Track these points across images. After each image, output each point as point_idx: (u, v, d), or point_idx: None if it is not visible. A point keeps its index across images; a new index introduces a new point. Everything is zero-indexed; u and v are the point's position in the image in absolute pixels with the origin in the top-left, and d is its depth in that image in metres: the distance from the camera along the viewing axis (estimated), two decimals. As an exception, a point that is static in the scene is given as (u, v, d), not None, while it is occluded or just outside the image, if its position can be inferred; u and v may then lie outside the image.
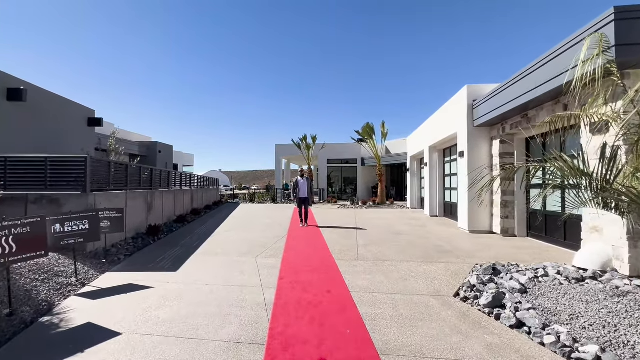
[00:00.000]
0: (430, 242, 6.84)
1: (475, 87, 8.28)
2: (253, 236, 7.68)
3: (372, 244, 6.73)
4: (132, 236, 7.20)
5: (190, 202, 12.93)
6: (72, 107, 9.77)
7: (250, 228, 9.02)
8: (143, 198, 8.07)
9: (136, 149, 16.82)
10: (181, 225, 9.79)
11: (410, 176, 16.40)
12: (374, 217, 11.69)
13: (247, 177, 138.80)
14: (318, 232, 8.23)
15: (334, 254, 5.74)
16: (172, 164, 19.50)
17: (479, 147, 8.24)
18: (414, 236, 7.61)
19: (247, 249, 6.29)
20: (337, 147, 23.78)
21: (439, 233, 8.08)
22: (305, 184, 9.38)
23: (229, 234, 8.00)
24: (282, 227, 9.09)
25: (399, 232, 8.26)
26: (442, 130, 10.31)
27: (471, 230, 8.13)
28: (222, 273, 4.68)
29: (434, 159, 12.29)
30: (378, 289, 3.99)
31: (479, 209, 8.14)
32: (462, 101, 8.55)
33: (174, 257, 5.64)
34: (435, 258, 5.45)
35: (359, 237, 7.54)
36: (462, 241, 6.98)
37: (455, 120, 9.04)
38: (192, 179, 14.42)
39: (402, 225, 9.63)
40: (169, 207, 10.13)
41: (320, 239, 7.18)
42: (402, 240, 7.12)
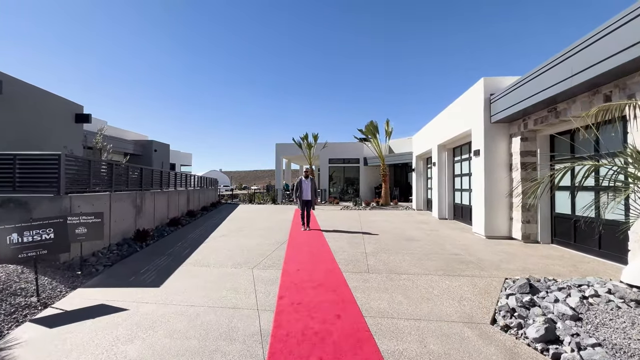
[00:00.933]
0: (446, 250, 6.16)
1: (493, 79, 7.61)
2: (250, 242, 7.02)
3: (382, 251, 6.06)
4: (117, 242, 6.54)
5: (185, 204, 12.28)
6: (57, 101, 9.11)
7: (248, 232, 8.36)
8: (131, 200, 7.41)
9: (131, 147, 16.16)
10: (174, 228, 9.13)
11: (415, 176, 15.72)
12: (379, 220, 11.02)
13: (248, 177, 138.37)
14: (321, 237, 7.56)
15: (340, 265, 5.08)
16: (168, 164, 18.84)
17: (496, 145, 7.56)
18: (427, 242, 6.94)
19: (243, 258, 5.63)
20: (338, 146, 23.12)
21: (453, 239, 7.41)
22: (309, 185, 8.72)
23: (224, 240, 7.33)
24: (282, 231, 8.43)
25: (410, 237, 7.59)
26: (454, 127, 9.64)
27: (488, 236, 7.46)
28: (212, 290, 4.01)
29: (443, 159, 11.62)
30: (397, 312, 3.31)
31: (497, 213, 7.47)
32: (477, 95, 7.87)
33: (160, 269, 4.97)
34: (457, 270, 4.77)
35: (366, 243, 6.87)
36: (481, 249, 6.30)
37: (470, 116, 8.36)
38: (188, 179, 13.76)
39: (411, 229, 8.96)
40: (161, 210, 9.47)
41: (325, 246, 6.51)
42: (415, 247, 6.45)
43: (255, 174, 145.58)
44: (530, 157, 7.02)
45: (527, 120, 6.79)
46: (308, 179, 8.81)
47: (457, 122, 9.43)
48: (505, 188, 7.48)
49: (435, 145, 11.88)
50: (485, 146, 7.58)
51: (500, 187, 7.49)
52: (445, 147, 11.56)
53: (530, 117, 6.66)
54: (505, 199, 7.46)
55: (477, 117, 7.88)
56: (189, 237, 7.80)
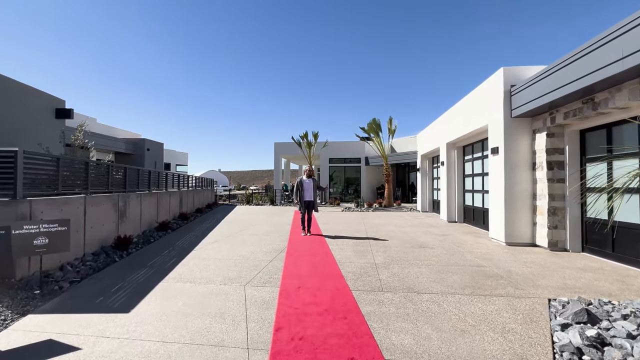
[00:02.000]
0: (466, 260, 5.43)
1: (514, 69, 6.88)
2: (245, 250, 6.27)
3: (394, 262, 5.32)
4: (93, 251, 5.78)
5: (178, 206, 11.51)
6: (35, 95, 8.33)
7: (243, 238, 7.61)
8: (112, 203, 6.65)
9: (122, 146, 15.37)
10: (163, 233, 8.37)
11: (421, 177, 14.99)
12: (384, 223, 10.29)
13: (247, 177, 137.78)
14: (324, 244, 6.82)
15: (348, 280, 4.34)
16: (162, 163, 18.05)
17: (517, 142, 6.83)
18: (442, 250, 6.21)
19: (234, 271, 4.88)
20: (339, 145, 22.39)
21: (470, 246, 6.68)
22: (311, 185, 7.98)
23: (215, 247, 6.58)
24: (280, 237, 7.68)
25: (422, 244, 6.85)
26: (466, 123, 8.91)
27: (508, 243, 6.73)
28: (193, 317, 3.26)
29: (452, 158, 10.89)
30: (428, 352, 2.57)
31: (518, 217, 6.74)
32: (496, 88, 7.15)
33: (136, 285, 4.22)
34: (487, 287, 4.04)
35: (374, 251, 6.13)
36: (505, 258, 5.57)
37: (487, 111, 7.63)
38: (182, 179, 12.99)
39: (420, 233, 8.23)
40: (149, 213, 8.71)
41: (328, 256, 5.77)
42: (430, 256, 5.72)
43: (254, 174, 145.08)
44: (557, 155, 6.29)
45: (555, 114, 6.06)
46: (310, 178, 8.07)
47: (470, 118, 8.71)
48: (528, 189, 6.75)
49: (443, 144, 11.15)
50: (505, 143, 6.86)
51: (521, 189, 6.77)
52: (454, 146, 10.84)
53: (559, 110, 5.93)
54: (527, 202, 6.74)
55: (496, 111, 7.15)
56: (177, 243, 7.04)
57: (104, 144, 14.11)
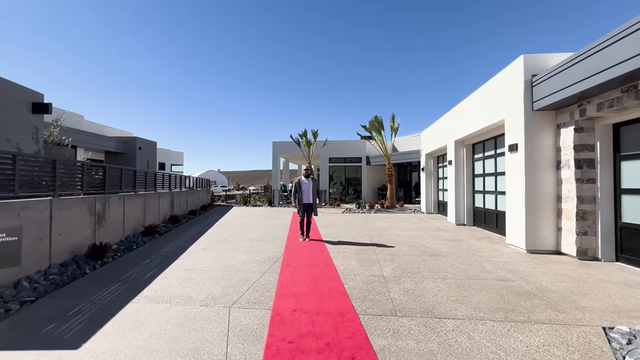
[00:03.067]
0: (487, 272, 4.74)
1: (535, 57, 6.19)
2: (235, 259, 5.57)
3: (405, 274, 4.63)
4: (62, 262, 5.08)
5: (168, 208, 10.81)
6: (6, 87, 7.62)
7: (236, 244, 6.91)
8: (87, 206, 5.94)
9: (111, 144, 14.65)
10: (149, 239, 7.67)
11: (425, 176, 14.30)
12: (389, 226, 9.59)
13: (246, 177, 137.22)
14: (324, 251, 6.13)
15: (354, 300, 3.64)
16: (155, 162, 17.34)
17: (539, 138, 6.14)
18: (457, 259, 5.52)
19: (220, 286, 4.18)
20: (339, 144, 21.71)
21: (487, 254, 5.99)
22: (311, 186, 7.29)
23: (203, 256, 5.88)
24: (276, 243, 6.99)
25: (433, 251, 6.16)
26: (478, 119, 8.22)
27: (529, 250, 6.04)
28: (157, 356, 2.56)
29: (461, 156, 10.20)
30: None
31: (540, 221, 6.06)
32: (515, 78, 6.46)
33: (99, 308, 3.52)
34: (522, 310, 3.34)
35: (381, 260, 5.44)
36: (531, 270, 4.88)
37: (503, 104, 6.94)
38: (173, 179, 12.29)
39: (429, 238, 7.54)
40: (134, 216, 8.01)
41: (329, 266, 5.07)
42: (445, 267, 5.02)
43: (253, 174, 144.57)
44: (586, 153, 5.60)
45: (586, 106, 5.37)
46: (309, 178, 7.38)
47: (483, 112, 8.02)
48: (551, 191, 6.07)
49: (451, 141, 10.46)
50: (526, 140, 6.16)
51: (544, 190, 6.08)
52: (463, 143, 10.14)
53: (592, 101, 5.24)
54: (551, 205, 6.05)
55: (514, 104, 6.46)
56: (161, 251, 6.35)
57: (93, 143, 13.39)
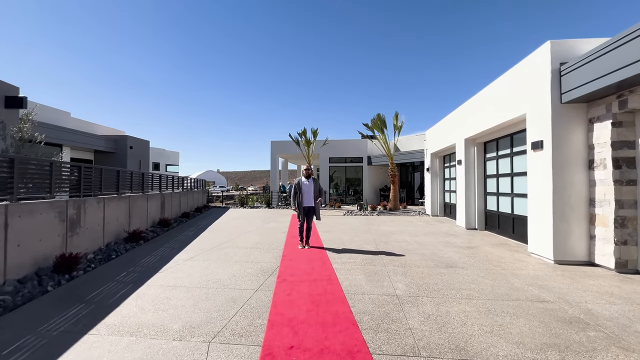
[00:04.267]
0: (517, 290, 4.04)
1: (564, 43, 5.51)
2: (224, 272, 4.86)
3: (422, 292, 3.93)
4: (21, 277, 4.37)
5: (158, 211, 10.10)
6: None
7: (227, 252, 6.20)
8: (57, 211, 5.23)
9: (101, 143, 13.92)
10: (132, 246, 6.95)
11: (430, 177, 13.62)
12: (395, 231, 8.90)
13: (245, 178, 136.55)
14: (326, 262, 5.42)
15: (365, 331, 2.94)
16: (148, 162, 16.60)
17: (568, 133, 5.45)
18: (479, 272, 4.82)
19: (203, 310, 3.48)
20: (340, 143, 21.01)
21: (511, 265, 5.29)
22: (312, 187, 6.61)
23: (188, 267, 5.17)
24: (273, 251, 6.28)
25: (448, 261, 5.46)
26: (496, 114, 7.53)
27: (558, 260, 5.35)
28: None
29: (472, 155, 9.51)
30: None
31: (570, 228, 5.36)
32: (540, 67, 5.77)
33: (44, 343, 2.80)
34: (580, 349, 2.64)
35: (392, 274, 4.73)
36: (567, 286, 4.18)
37: (525, 97, 6.25)
38: (165, 180, 11.57)
39: (440, 245, 6.84)
40: (117, 221, 7.30)
41: (333, 282, 4.37)
42: (466, 282, 4.32)
43: (252, 175, 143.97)
44: (625, 150, 4.90)
45: (627, 97, 4.68)
46: (309, 179, 6.68)
47: (500, 107, 7.33)
48: (583, 193, 5.37)
49: (461, 140, 9.78)
50: (554, 136, 5.47)
51: (575, 192, 5.39)
52: (474, 142, 9.46)
53: (635, 90, 4.55)
54: (582, 209, 5.36)
55: (539, 96, 5.77)
56: (142, 261, 5.64)
57: (80, 141, 12.66)
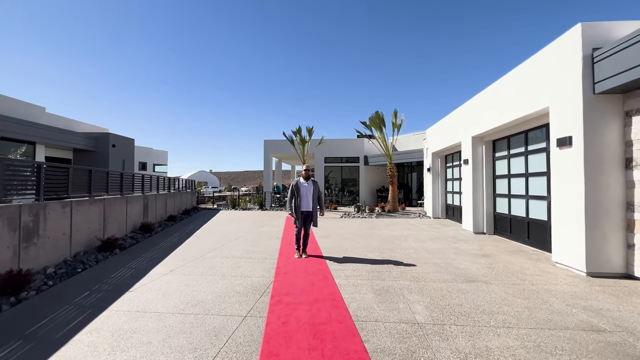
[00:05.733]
0: (562, 315, 3.35)
1: (597, 26, 4.87)
2: (208, 291, 4.07)
3: (449, 320, 3.21)
4: (-49, 302, 3.51)
5: (140, 214, 9.23)
6: None
7: (213, 264, 5.40)
8: (5, 219, 4.37)
9: (80, 141, 12.92)
10: (105, 256, 6.10)
11: (432, 178, 12.99)
12: (398, 236, 8.21)
13: (239, 178, 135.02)
14: (328, 277, 4.67)
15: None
16: (132, 162, 15.62)
17: (601, 128, 4.80)
18: (506, 289, 4.13)
19: (174, 349, 2.69)
20: (336, 143, 20.32)
21: (538, 278, 4.62)
22: (311, 189, 5.88)
23: (164, 285, 4.36)
24: (266, 262, 5.50)
25: (468, 274, 4.76)
26: (510, 108, 6.88)
27: (591, 272, 4.70)
28: None
29: (479, 155, 8.88)
30: None
31: (604, 236, 4.72)
32: (569, 53, 5.12)
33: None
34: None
35: (407, 292, 4.01)
36: (619, 308, 3.51)
37: (549, 88, 5.60)
38: (148, 181, 10.67)
39: (451, 253, 6.16)
40: (88, 227, 6.43)
41: (339, 305, 3.62)
42: (496, 302, 3.62)
43: (245, 175, 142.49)
44: (671, 147, 4.29)
45: (678, 84, 4.05)
46: (309, 181, 5.94)
47: (515, 101, 6.68)
48: (618, 197, 4.73)
49: (467, 138, 9.14)
50: (585, 131, 4.82)
51: (609, 196, 4.74)
52: (482, 140, 8.83)
53: (689, 76, 3.92)
54: (618, 214, 4.71)
55: (567, 87, 5.12)
56: (112, 276, 4.81)
57: (56, 139, 11.66)
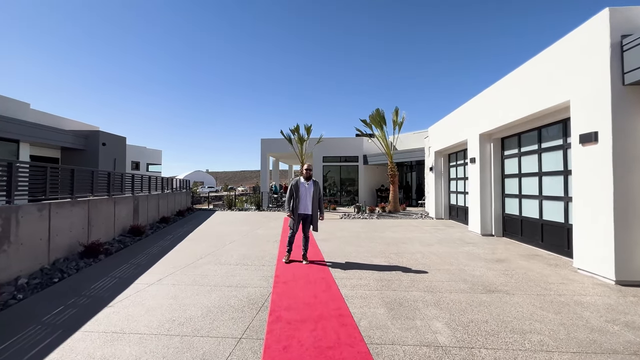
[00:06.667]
0: (605, 333, 2.91)
1: (628, 11, 4.44)
2: (198, 305, 3.57)
3: (477, 342, 2.76)
4: None
5: (130, 216, 8.71)
6: None
7: (205, 271, 4.90)
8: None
9: (68, 139, 12.34)
10: (87, 263, 5.59)
11: (434, 177, 12.58)
12: (403, 238, 7.77)
13: (235, 178, 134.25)
14: (332, 286, 4.20)
15: None
16: (124, 161, 15.04)
17: (632, 122, 4.38)
18: (533, 300, 3.69)
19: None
20: (335, 142, 19.87)
21: (564, 288, 4.18)
22: (311, 190, 5.41)
23: (148, 300, 3.87)
24: (263, 269, 5.02)
25: (485, 282, 4.32)
26: (524, 103, 6.45)
27: (620, 281, 4.28)
28: None
29: (487, 153, 8.47)
30: None
31: (635, 240, 4.30)
32: (595, 40, 4.69)
33: None
34: None
35: (422, 304, 3.56)
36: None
37: (571, 79, 5.17)
38: (139, 181, 10.13)
39: (462, 257, 5.73)
40: (70, 232, 5.92)
41: (347, 323, 3.15)
42: (524, 317, 3.18)
43: (242, 175, 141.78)
44: None
45: None
46: (310, 181, 5.47)
47: (530, 94, 6.26)
48: (651, 197, 4.32)
49: (474, 135, 8.73)
50: (614, 125, 4.39)
51: None
52: (490, 137, 8.42)
53: None
54: (651, 217, 4.30)
55: (593, 77, 4.70)
56: (92, 287, 4.31)
57: (42, 136, 11.07)
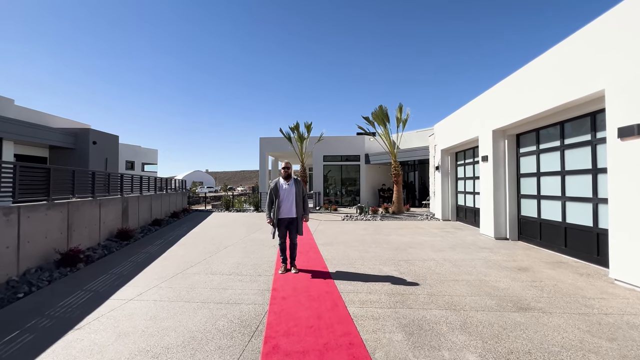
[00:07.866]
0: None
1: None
2: (177, 331, 2.99)
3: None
4: None
5: (119, 219, 8.13)
6: None
7: (194, 282, 4.31)
8: None
9: (57, 138, 11.75)
10: (64, 273, 5.02)
11: (441, 176, 12.01)
12: (411, 242, 7.19)
13: (235, 178, 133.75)
14: (339, 303, 3.61)
15: None
16: (116, 160, 14.45)
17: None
18: (576, 322, 3.11)
19: None
20: (336, 140, 19.30)
21: (607, 304, 3.60)
22: (293, 191, 4.76)
23: (123, 321, 3.28)
24: (258, 280, 4.42)
25: (515, 298, 3.74)
26: (546, 95, 5.87)
27: (670, 295, 3.71)
28: None
29: (501, 151, 7.90)
30: None
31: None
32: (638, 18, 4.12)
33: None
34: None
35: (446, 328, 2.97)
36: None
37: (605, 65, 4.58)
38: (129, 181, 9.55)
39: (481, 265, 5.15)
40: (46, 237, 5.34)
41: (358, 352, 2.55)
42: (575, 347, 2.58)
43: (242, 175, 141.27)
44: None
45: None
46: (290, 181, 4.83)
47: (553, 85, 5.68)
48: None
49: (487, 132, 8.15)
50: (663, 116, 3.83)
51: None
52: (505, 134, 7.84)
53: None
54: None
55: (636, 60, 4.12)
56: (60, 304, 3.73)
57: (28, 134, 10.49)
